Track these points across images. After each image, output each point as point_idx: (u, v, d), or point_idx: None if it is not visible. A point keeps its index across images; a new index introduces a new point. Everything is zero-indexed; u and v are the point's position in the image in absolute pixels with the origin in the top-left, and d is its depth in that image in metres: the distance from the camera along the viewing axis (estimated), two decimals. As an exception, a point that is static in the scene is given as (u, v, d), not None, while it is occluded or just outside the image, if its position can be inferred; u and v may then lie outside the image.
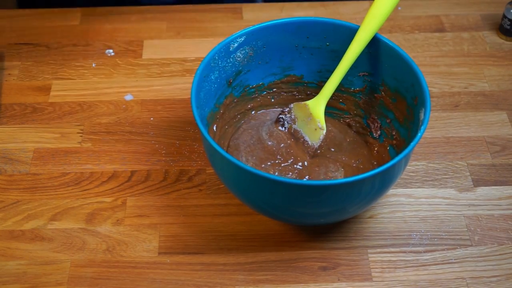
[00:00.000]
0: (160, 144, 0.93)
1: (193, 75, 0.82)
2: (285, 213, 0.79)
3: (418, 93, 0.79)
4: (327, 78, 0.86)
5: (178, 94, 1.00)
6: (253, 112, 0.93)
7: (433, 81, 1.02)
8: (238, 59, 0.87)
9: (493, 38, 1.10)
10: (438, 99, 1.00)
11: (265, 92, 0.92)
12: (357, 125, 0.91)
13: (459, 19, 1.14)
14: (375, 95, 0.87)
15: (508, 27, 1.08)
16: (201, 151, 0.92)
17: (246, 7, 1.15)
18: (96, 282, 0.79)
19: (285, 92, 0.93)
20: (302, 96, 0.93)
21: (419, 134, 0.74)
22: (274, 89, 0.92)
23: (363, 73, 0.87)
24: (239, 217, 0.85)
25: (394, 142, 0.85)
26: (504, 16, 1.08)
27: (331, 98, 0.88)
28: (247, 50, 0.87)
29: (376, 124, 0.88)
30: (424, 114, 0.76)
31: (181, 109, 0.98)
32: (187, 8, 1.15)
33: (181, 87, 1.02)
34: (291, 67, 0.90)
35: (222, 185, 0.88)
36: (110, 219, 0.85)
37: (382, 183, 0.75)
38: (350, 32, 0.84)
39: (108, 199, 0.87)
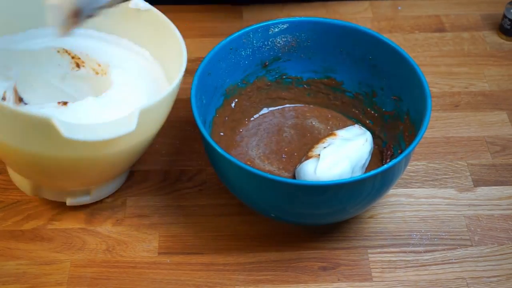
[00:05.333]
0: (160, 144, 0.93)
1: (193, 75, 0.82)
2: (285, 213, 0.79)
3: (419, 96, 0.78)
4: (365, 93, 0.87)
5: (178, 94, 1.00)
6: (286, 104, 0.93)
7: (433, 81, 1.02)
8: (278, 45, 0.88)
9: (493, 38, 1.10)
10: (438, 99, 1.00)
11: (302, 86, 0.92)
12: (376, 147, 0.89)
13: (459, 19, 1.13)
14: (399, 122, 0.85)
15: (508, 27, 1.08)
16: (201, 151, 0.92)
17: (246, 7, 1.15)
18: (96, 282, 0.79)
19: (323, 93, 0.92)
20: (337, 103, 0.92)
21: (419, 135, 0.74)
22: (312, 86, 0.92)
23: (395, 97, 0.86)
24: (239, 217, 0.85)
25: None
26: (504, 16, 1.08)
27: (363, 113, 0.89)
28: (289, 39, 0.87)
29: (389, 153, 0.87)
30: (425, 115, 0.76)
31: (181, 109, 0.97)
32: (187, 8, 1.15)
33: (181, 87, 1.01)
34: (333, 70, 0.89)
35: (222, 185, 0.88)
36: (110, 219, 0.85)
37: (383, 183, 0.75)
38: (392, 51, 0.83)
39: (108, 199, 0.87)
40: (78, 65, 0.83)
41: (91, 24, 0.88)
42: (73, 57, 0.83)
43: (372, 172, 0.71)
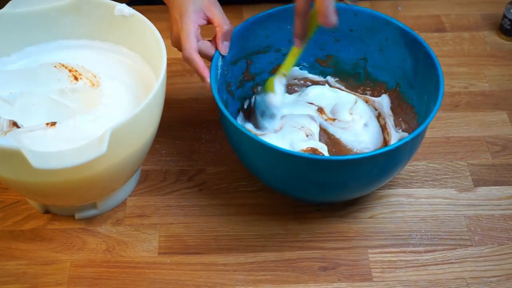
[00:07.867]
0: (160, 144, 0.93)
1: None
2: (294, 187, 0.80)
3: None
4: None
5: (178, 94, 1.00)
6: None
7: (433, 81, 1.02)
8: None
9: (493, 38, 1.10)
10: (438, 99, 1.00)
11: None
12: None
13: (459, 19, 1.13)
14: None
15: (508, 27, 1.08)
16: (201, 151, 0.92)
17: (246, 7, 1.15)
18: (96, 282, 0.79)
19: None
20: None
21: (432, 112, 0.76)
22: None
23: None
24: (239, 217, 0.85)
25: None
26: (504, 16, 1.08)
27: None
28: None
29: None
30: (437, 99, 0.78)
31: (181, 109, 0.98)
32: (187, 8, 1.14)
33: (181, 87, 1.01)
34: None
35: (222, 185, 0.88)
36: (110, 219, 0.85)
37: (392, 162, 0.77)
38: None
39: (108, 199, 0.87)
40: (76, 78, 0.83)
41: (84, 34, 0.88)
42: (70, 70, 0.83)
43: (386, 148, 0.73)
